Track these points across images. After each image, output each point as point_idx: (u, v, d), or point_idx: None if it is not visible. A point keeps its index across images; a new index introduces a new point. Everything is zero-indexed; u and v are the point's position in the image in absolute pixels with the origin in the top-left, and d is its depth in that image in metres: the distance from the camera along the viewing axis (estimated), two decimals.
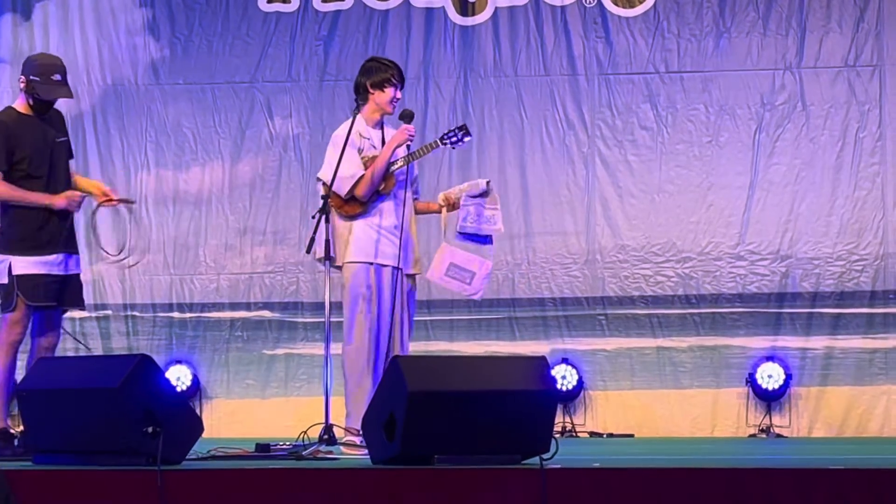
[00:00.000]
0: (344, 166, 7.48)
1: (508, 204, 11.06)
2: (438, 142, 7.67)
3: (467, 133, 7.71)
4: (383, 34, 11.34)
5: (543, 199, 11.17)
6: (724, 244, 11.04)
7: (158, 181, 11.46)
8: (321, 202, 7.48)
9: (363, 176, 7.51)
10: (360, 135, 7.61)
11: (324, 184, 7.59)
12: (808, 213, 10.98)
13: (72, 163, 7.46)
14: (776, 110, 11.05)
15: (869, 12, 11.00)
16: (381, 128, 7.71)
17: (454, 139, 7.69)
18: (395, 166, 7.55)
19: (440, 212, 7.79)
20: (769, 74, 11.06)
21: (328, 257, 7.47)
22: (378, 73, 7.64)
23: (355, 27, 11.37)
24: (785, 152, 11.03)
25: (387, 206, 7.60)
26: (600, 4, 11.20)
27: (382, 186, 7.56)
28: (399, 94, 7.68)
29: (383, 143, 7.64)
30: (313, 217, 7.51)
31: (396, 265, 7.52)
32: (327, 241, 7.43)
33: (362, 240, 7.53)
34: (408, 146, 7.55)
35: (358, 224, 7.55)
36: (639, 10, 11.19)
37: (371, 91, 7.63)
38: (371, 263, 7.52)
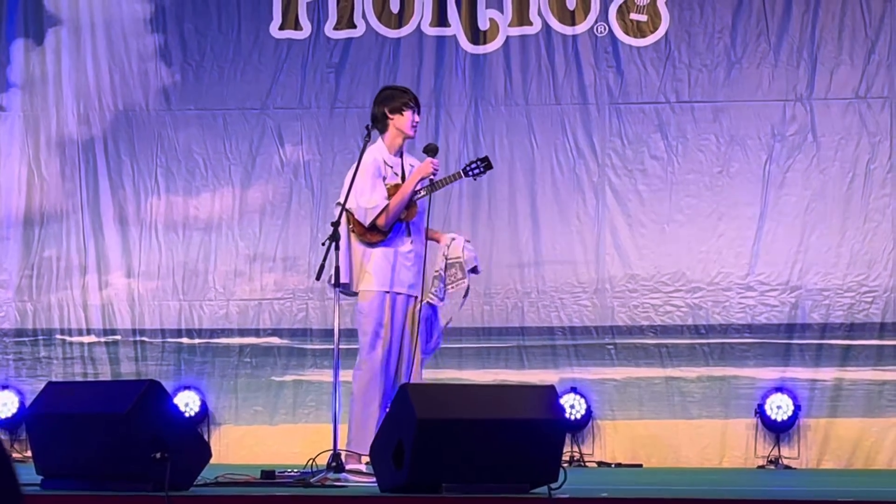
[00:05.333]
0: (369, 196, 7.50)
1: (518, 232, 11.08)
2: (461, 173, 7.73)
3: (490, 166, 7.77)
4: (395, 62, 11.35)
5: (553, 228, 11.16)
6: (733, 274, 11.02)
7: (168, 206, 11.47)
8: (332, 229, 7.48)
9: (386, 206, 7.52)
10: (385, 162, 7.64)
11: (347, 211, 7.58)
12: (818, 244, 10.97)
13: None
14: (787, 141, 11.04)
15: (880, 44, 11.00)
16: (401, 156, 7.73)
17: (476, 171, 7.74)
18: (418, 196, 7.58)
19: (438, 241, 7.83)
20: (780, 105, 11.06)
21: (338, 284, 7.47)
22: (395, 99, 7.70)
23: (367, 55, 11.39)
24: (795, 183, 11.02)
25: (406, 234, 7.61)
26: (611, 34, 11.21)
27: (404, 215, 7.59)
28: (417, 118, 7.72)
29: (402, 170, 7.67)
30: (323, 244, 7.51)
31: (413, 294, 7.54)
32: (337, 268, 7.43)
33: (380, 267, 7.54)
34: (430, 178, 7.59)
35: (377, 251, 7.56)
36: (650, 39, 11.20)
37: (390, 117, 7.67)
38: (387, 292, 7.53)
